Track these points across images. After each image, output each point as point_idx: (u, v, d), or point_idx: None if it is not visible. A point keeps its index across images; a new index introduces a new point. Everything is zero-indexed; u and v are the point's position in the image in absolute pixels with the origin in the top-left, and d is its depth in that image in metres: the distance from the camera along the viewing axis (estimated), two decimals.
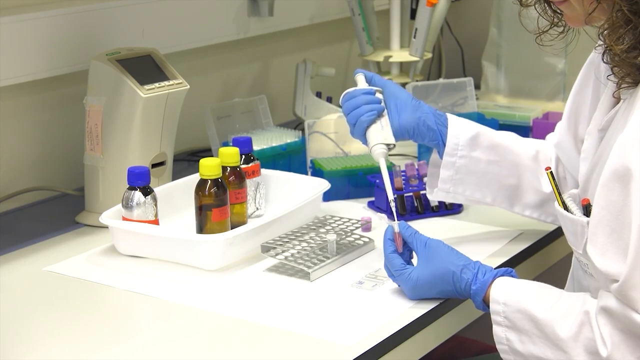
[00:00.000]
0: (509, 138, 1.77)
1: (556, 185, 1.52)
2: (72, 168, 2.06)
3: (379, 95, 1.71)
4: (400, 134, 1.70)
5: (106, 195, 1.88)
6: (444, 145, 1.71)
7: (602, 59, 1.42)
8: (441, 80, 2.40)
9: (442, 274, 1.52)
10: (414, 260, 1.57)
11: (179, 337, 1.46)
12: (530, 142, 1.79)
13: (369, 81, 1.75)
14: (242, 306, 1.54)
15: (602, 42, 1.41)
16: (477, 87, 2.48)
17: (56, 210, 1.98)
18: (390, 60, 2.43)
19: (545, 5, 1.55)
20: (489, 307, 1.48)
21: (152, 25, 2.20)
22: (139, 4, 2.18)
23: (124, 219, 1.72)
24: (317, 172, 2.02)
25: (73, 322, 1.51)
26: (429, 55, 2.47)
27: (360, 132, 1.68)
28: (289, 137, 2.12)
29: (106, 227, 1.73)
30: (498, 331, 1.46)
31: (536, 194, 1.75)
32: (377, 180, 1.94)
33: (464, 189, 1.74)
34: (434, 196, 1.78)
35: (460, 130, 1.72)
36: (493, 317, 1.47)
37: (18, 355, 1.41)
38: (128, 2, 2.15)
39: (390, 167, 1.97)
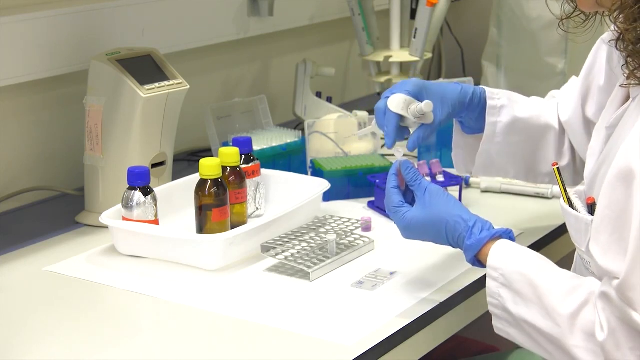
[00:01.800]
0: (537, 110, 1.77)
1: (562, 182, 1.51)
2: (72, 168, 2.06)
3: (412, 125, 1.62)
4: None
5: (106, 195, 1.88)
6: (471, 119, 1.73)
7: (615, 46, 1.39)
8: (441, 80, 2.40)
9: (436, 221, 1.50)
10: None
11: (179, 337, 1.46)
12: (552, 109, 1.79)
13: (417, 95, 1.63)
14: (242, 306, 1.54)
15: (614, 30, 1.40)
16: None
17: (56, 210, 1.98)
18: (390, 60, 2.44)
19: None
20: (481, 264, 1.47)
21: (152, 25, 2.20)
22: (139, 4, 2.18)
23: (124, 219, 1.72)
24: (317, 172, 2.02)
25: (73, 322, 1.51)
26: (429, 55, 2.47)
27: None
28: (289, 137, 2.12)
29: (106, 227, 1.73)
30: (492, 286, 1.45)
31: (549, 166, 1.78)
32: (377, 180, 1.94)
33: (490, 171, 1.78)
34: (460, 172, 1.82)
35: (497, 115, 1.73)
36: (489, 271, 1.45)
37: (18, 355, 1.41)
38: (128, 2, 2.15)
39: (390, 167, 1.97)
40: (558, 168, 1.52)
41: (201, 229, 1.73)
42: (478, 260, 1.49)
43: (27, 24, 1.96)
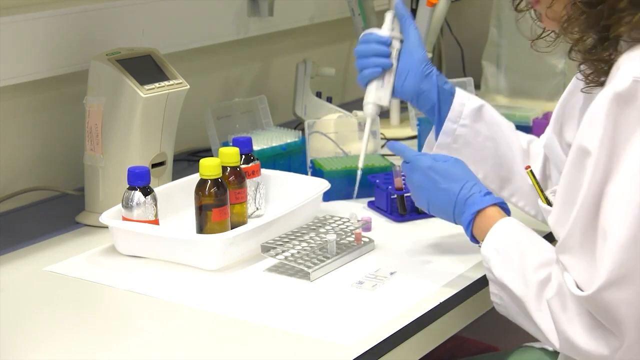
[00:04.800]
0: (508, 124, 1.80)
1: (537, 182, 1.57)
2: (72, 168, 2.07)
3: (395, 45, 1.70)
4: (400, 96, 1.72)
5: (106, 195, 1.88)
6: (440, 122, 1.73)
7: (569, 56, 1.46)
8: None
9: (461, 171, 1.59)
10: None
11: (179, 337, 1.46)
12: (524, 135, 1.82)
13: (399, 20, 1.72)
14: (242, 306, 1.54)
15: (567, 41, 1.46)
16: (477, 87, 2.49)
17: (56, 210, 1.98)
18: None
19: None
20: (474, 228, 1.54)
21: (152, 25, 2.21)
22: (139, 4, 2.18)
23: (124, 219, 1.72)
24: (317, 172, 2.02)
25: (73, 322, 1.51)
26: (429, 55, 2.47)
27: (361, 83, 1.71)
28: (289, 137, 2.12)
29: (106, 227, 1.73)
30: (485, 251, 1.52)
31: (525, 182, 1.77)
32: (377, 180, 1.94)
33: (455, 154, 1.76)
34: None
35: (466, 100, 1.75)
36: (488, 238, 1.51)
37: (18, 355, 1.41)
38: (128, 2, 2.15)
39: (390, 167, 1.97)
40: (531, 170, 1.57)
41: (201, 229, 1.73)
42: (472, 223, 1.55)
43: (27, 24, 1.96)
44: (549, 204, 1.52)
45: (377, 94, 1.69)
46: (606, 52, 1.41)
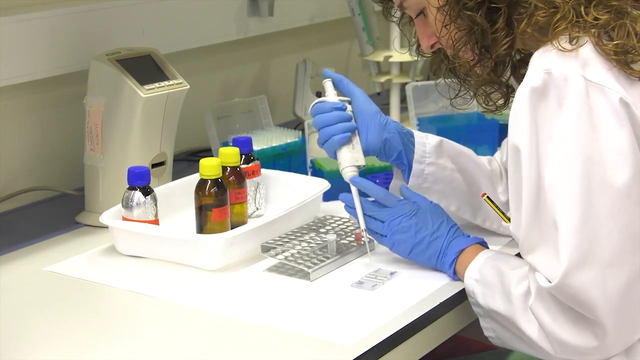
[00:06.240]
0: (468, 150, 1.81)
1: (496, 206, 1.64)
2: (72, 168, 2.06)
3: (348, 107, 1.71)
4: (366, 153, 1.71)
5: (106, 195, 1.88)
6: (408, 166, 1.74)
7: (463, 85, 1.60)
8: (441, 80, 2.39)
9: (440, 210, 1.65)
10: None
11: (179, 337, 1.46)
12: (483, 157, 1.84)
13: (337, 85, 1.74)
14: (242, 306, 1.54)
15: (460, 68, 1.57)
16: None
17: (56, 210, 1.98)
18: (390, 60, 2.44)
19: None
20: (457, 265, 1.58)
21: (152, 25, 2.21)
22: (139, 4, 2.18)
23: (124, 219, 1.72)
24: (317, 172, 2.02)
25: (73, 322, 1.51)
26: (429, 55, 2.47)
27: (331, 150, 1.70)
28: (289, 137, 2.12)
29: (106, 227, 1.73)
30: (468, 284, 1.56)
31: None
32: (377, 180, 1.94)
33: (429, 196, 1.74)
34: None
35: (426, 139, 1.75)
36: (469, 270, 1.56)
37: (19, 355, 1.41)
38: (128, 2, 2.15)
39: (390, 167, 1.97)
40: (488, 196, 1.64)
41: (201, 229, 1.73)
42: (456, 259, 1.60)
43: (27, 24, 1.96)
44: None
45: (352, 156, 1.68)
46: (502, 76, 1.52)
